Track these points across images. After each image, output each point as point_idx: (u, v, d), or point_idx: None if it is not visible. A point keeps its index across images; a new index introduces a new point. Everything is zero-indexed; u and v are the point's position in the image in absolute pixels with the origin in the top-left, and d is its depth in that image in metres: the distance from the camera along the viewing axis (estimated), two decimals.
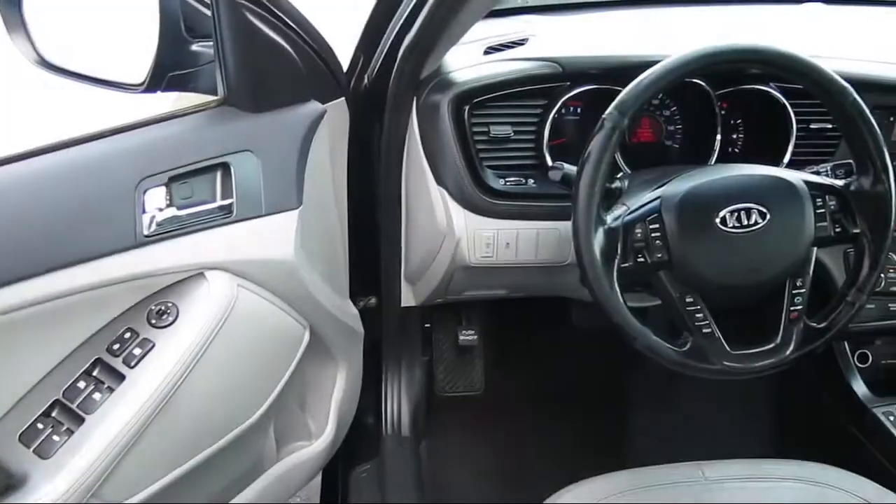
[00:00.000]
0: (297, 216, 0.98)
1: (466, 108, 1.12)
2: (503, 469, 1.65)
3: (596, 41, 1.31)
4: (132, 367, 0.87)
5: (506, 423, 1.72)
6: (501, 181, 1.16)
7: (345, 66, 1.14)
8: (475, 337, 1.64)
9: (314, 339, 1.12)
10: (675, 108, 1.25)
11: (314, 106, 1.03)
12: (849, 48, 1.34)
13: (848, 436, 1.27)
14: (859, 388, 1.29)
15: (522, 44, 1.26)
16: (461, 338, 1.65)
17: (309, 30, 1.00)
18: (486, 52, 1.24)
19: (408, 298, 1.40)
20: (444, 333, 1.71)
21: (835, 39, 1.39)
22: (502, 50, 1.24)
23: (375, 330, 1.42)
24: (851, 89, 0.97)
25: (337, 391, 1.27)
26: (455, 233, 1.16)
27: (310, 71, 1.01)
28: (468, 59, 1.21)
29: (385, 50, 1.14)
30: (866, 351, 1.35)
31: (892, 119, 1.23)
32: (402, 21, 1.09)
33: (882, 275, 1.22)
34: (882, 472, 1.19)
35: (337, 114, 1.11)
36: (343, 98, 1.11)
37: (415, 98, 1.15)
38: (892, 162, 1.00)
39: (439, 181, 1.16)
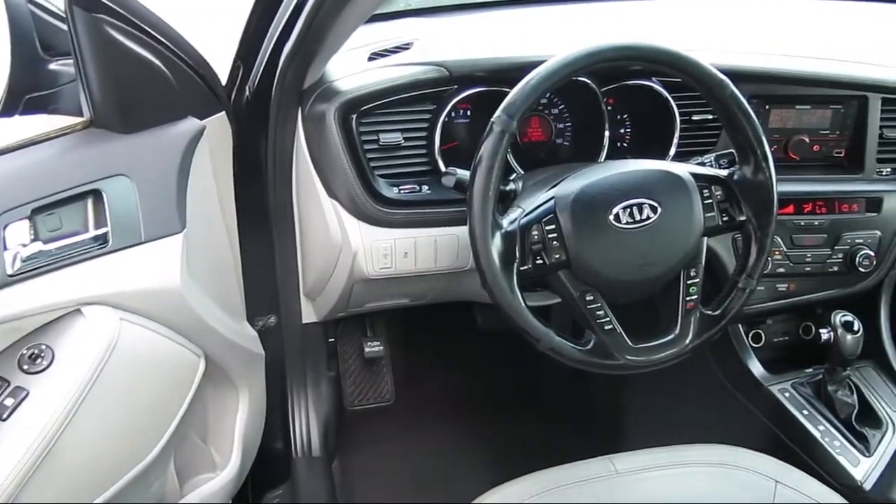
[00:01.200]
0: (182, 240, 0.92)
1: (354, 116, 1.09)
2: (420, 478, 1.63)
3: (481, 43, 1.30)
4: (4, 420, 0.80)
5: (420, 432, 1.70)
6: (395, 189, 1.13)
7: (224, 77, 1.09)
8: (381, 348, 1.62)
9: (211, 366, 1.07)
10: (562, 106, 1.25)
11: (191, 122, 0.97)
12: (723, 39, 1.39)
13: (749, 415, 1.32)
14: (755, 367, 1.34)
15: (407, 48, 1.24)
16: (367, 349, 1.61)
17: (179, 42, 0.95)
18: (370, 59, 1.21)
19: (308, 315, 1.36)
20: (349, 346, 1.68)
21: (709, 31, 1.44)
22: (387, 55, 1.22)
23: (277, 349, 1.37)
24: (729, 82, 0.99)
25: (240, 418, 1.22)
26: (351, 245, 1.13)
27: (184, 86, 0.96)
28: (353, 66, 1.18)
29: (265, 59, 1.09)
30: (759, 331, 1.40)
31: (767, 107, 1.28)
32: (280, 28, 1.05)
33: (769, 258, 1.26)
34: (782, 448, 1.24)
35: (218, 129, 1.06)
36: (223, 112, 1.06)
37: (300, 108, 1.11)
38: (770, 148, 1.03)
39: (331, 193, 1.12)
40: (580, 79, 1.17)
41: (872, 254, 1.31)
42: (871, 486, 1.12)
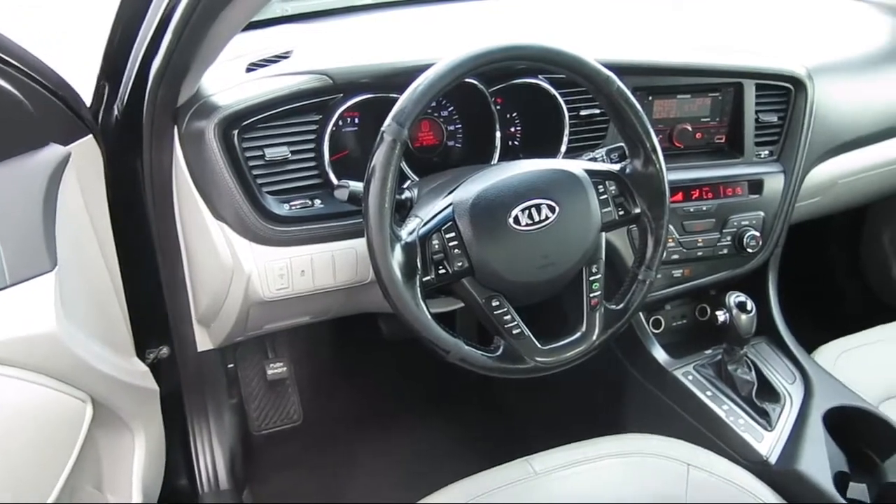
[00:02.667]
0: (53, 279, 0.85)
1: (235, 132, 1.03)
2: (336, 497, 1.58)
3: (365, 48, 1.26)
4: None
5: (332, 449, 1.65)
6: (286, 206, 1.08)
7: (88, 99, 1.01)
8: (284, 368, 1.56)
9: (100, 410, 0.99)
10: (452, 108, 1.24)
11: (54, 150, 0.89)
12: (605, 34, 1.41)
13: (658, 401, 1.34)
14: (659, 354, 1.36)
15: (287, 57, 1.18)
16: (270, 372, 1.55)
17: (34, 64, 0.87)
18: (248, 70, 1.15)
19: (204, 342, 1.29)
20: (250, 370, 1.61)
21: (592, 26, 1.46)
22: (266, 65, 1.16)
23: (172, 382, 1.29)
24: (615, 77, 1.00)
25: (137, 460, 1.14)
26: (244, 268, 1.07)
27: (42, 111, 0.88)
28: (230, 79, 1.11)
29: (132, 77, 1.02)
30: (659, 317, 1.44)
31: (650, 98, 1.31)
32: (147, 42, 0.98)
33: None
34: (692, 430, 1.26)
35: (86, 154, 0.98)
36: (90, 135, 0.98)
37: (175, 127, 1.04)
38: (657, 138, 1.05)
39: (217, 215, 1.06)
40: (468, 80, 1.15)
41: (758, 234, 1.36)
42: (776, 459, 1.16)
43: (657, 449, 1.10)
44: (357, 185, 0.96)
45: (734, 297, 1.25)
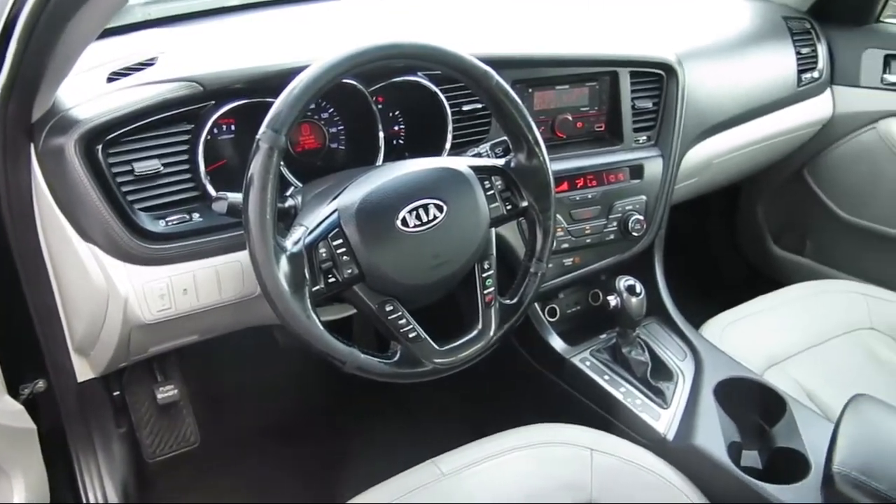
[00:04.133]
0: None
1: (99, 147, 0.96)
2: None
3: (236, 51, 1.20)
4: None
5: (233, 468, 1.59)
6: (161, 223, 1.02)
7: None
8: (175, 391, 1.48)
9: None
10: (332, 109, 1.20)
11: None
12: (482, 27, 1.41)
13: (560, 389, 1.36)
14: (556, 342, 1.38)
15: (151, 64, 1.11)
16: (160, 395, 1.47)
17: None
18: (109, 79, 1.07)
19: (84, 371, 1.21)
20: (139, 396, 1.52)
21: (468, 20, 1.45)
22: (129, 74, 1.08)
23: (52, 417, 1.20)
24: (493, 72, 0.99)
25: None
26: (119, 291, 1.00)
27: None
28: (90, 90, 1.03)
29: None
30: (553, 305, 1.46)
31: (530, 91, 1.32)
32: None
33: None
34: (593, 416, 1.29)
35: None
36: None
37: (31, 145, 0.96)
38: (539, 130, 1.05)
39: (85, 237, 0.98)
40: (346, 81, 1.12)
41: (642, 218, 1.40)
42: (673, 436, 1.19)
43: (561, 437, 1.11)
44: (236, 197, 0.92)
45: (624, 282, 1.28)
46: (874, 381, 1.40)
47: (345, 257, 0.91)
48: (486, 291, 1.02)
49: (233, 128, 1.11)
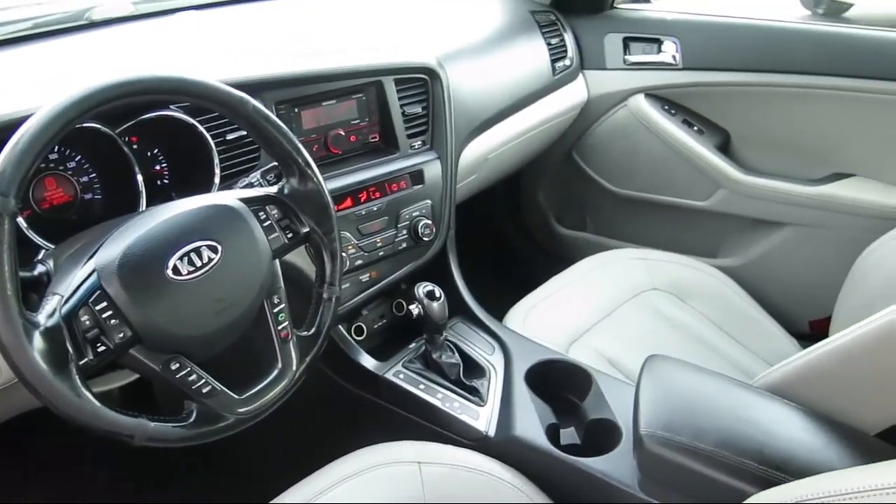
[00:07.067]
0: None
1: None
2: None
3: None
4: None
5: None
6: None
7: None
8: None
9: None
10: (79, 157, 1.08)
11: None
12: (237, 50, 1.34)
13: (377, 408, 1.33)
14: (366, 361, 1.34)
15: None
16: None
17: None
18: None
19: None
20: None
21: (221, 44, 1.37)
22: None
23: None
24: (248, 97, 0.93)
25: None
26: None
27: None
28: None
29: None
30: (360, 323, 1.42)
31: (297, 110, 1.27)
32: None
33: (343, 254, 1.27)
34: (417, 427, 1.27)
35: None
36: None
37: None
38: (311, 150, 1.01)
39: None
40: (87, 125, 1.01)
41: (430, 222, 1.41)
42: (494, 431, 1.20)
43: (385, 457, 1.08)
44: None
45: (423, 288, 1.28)
46: (665, 337, 1.51)
47: (113, 321, 0.81)
48: (279, 327, 0.96)
49: None
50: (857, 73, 1.69)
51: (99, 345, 0.81)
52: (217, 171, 1.13)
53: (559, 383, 1.31)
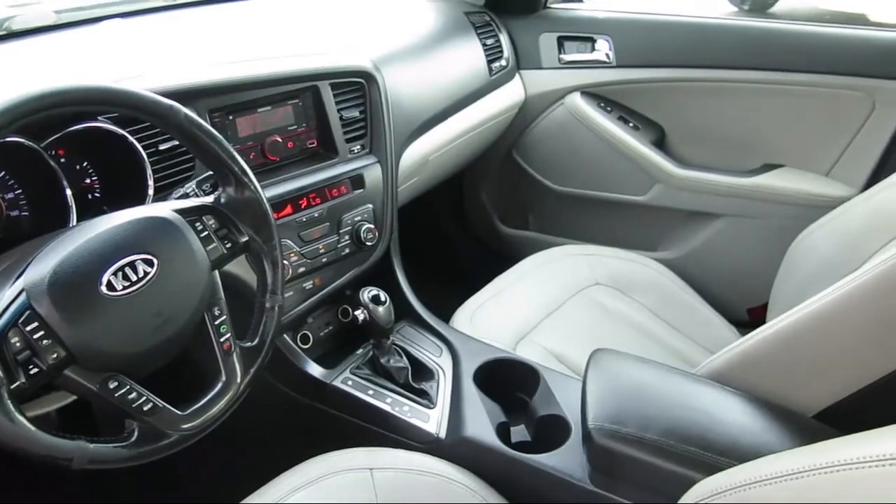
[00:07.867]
0: None
1: None
2: None
3: None
4: None
5: None
6: None
7: None
8: None
9: None
10: (3, 173, 1.04)
11: None
12: (166, 57, 1.31)
13: (327, 417, 1.31)
14: (313, 369, 1.32)
15: None
16: None
17: None
18: None
19: None
20: None
21: (149, 51, 1.34)
22: None
23: None
24: (179, 106, 0.91)
25: None
26: None
27: None
28: None
29: None
30: (305, 332, 1.40)
31: (231, 118, 1.24)
32: None
33: (285, 262, 1.25)
34: (368, 434, 1.26)
35: None
36: None
37: None
38: (248, 158, 0.99)
39: None
40: (10, 139, 0.97)
41: (372, 226, 1.40)
42: (445, 433, 1.20)
43: (336, 465, 1.07)
44: None
45: (367, 293, 1.27)
46: (609, 331, 1.53)
47: (45, 341, 0.78)
48: (222, 339, 0.94)
49: None
50: (782, 67, 1.75)
51: (31, 367, 0.78)
52: (150, 182, 1.10)
53: (507, 382, 1.31)
